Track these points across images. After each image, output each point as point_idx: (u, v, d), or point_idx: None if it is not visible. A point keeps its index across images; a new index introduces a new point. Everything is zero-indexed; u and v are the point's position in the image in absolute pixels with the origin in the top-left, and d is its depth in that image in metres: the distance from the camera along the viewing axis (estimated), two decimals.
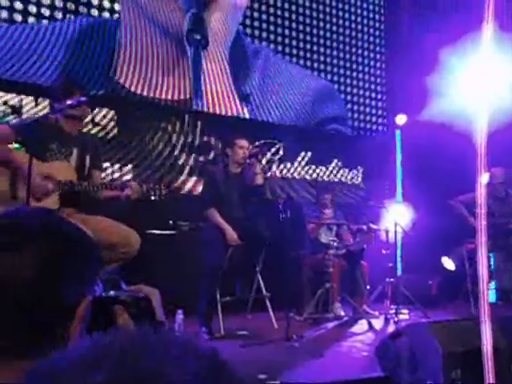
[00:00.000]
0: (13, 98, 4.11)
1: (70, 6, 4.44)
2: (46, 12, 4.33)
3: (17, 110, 4.04)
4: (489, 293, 4.67)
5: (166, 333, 0.43)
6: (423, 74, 5.05)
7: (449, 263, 5.37)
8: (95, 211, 2.88)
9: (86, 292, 0.74)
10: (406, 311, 4.47)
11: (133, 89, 4.62)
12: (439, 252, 5.31)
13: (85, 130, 4.04)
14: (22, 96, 4.12)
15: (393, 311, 4.29)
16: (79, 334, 0.72)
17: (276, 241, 3.63)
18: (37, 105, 4.16)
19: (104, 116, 4.48)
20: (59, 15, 4.38)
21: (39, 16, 4.31)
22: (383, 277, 4.61)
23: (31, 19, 4.27)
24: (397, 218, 4.71)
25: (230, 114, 5.15)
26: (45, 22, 4.32)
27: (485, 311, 1.62)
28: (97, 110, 4.39)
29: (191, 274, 3.74)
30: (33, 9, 4.28)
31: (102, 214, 2.85)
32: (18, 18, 4.22)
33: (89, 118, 4.39)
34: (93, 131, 4.34)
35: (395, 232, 4.53)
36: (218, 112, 5.07)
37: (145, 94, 4.68)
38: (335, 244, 4.20)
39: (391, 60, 6.49)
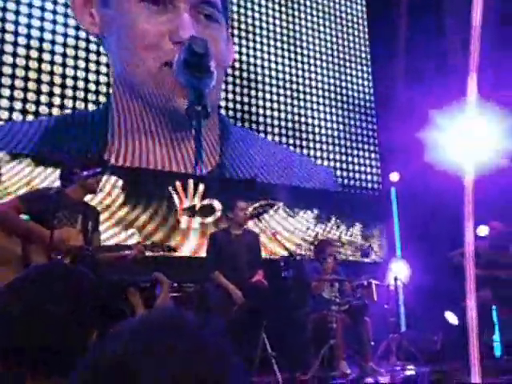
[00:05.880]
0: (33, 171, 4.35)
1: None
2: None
3: (30, 181, 4.25)
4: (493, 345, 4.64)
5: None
6: (413, 131, 5.34)
7: (452, 318, 5.39)
8: (102, 272, 3.00)
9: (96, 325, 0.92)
10: (412, 367, 4.46)
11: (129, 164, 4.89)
12: (442, 306, 5.35)
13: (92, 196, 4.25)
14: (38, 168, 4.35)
15: (398, 368, 4.28)
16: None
17: (279, 299, 3.71)
18: (49, 175, 4.39)
19: (111, 184, 4.70)
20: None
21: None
22: (387, 332, 4.63)
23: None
24: (397, 272, 4.81)
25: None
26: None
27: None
28: (105, 178, 4.61)
29: None
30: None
31: (108, 275, 2.97)
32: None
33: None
34: (100, 198, 4.54)
35: (395, 286, 4.61)
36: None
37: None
38: (337, 300, 4.26)
39: (382, 118, 6.82)
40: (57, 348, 0.84)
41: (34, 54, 4.66)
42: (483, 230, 5.21)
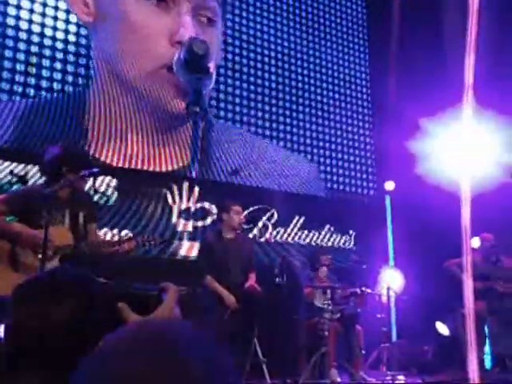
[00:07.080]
0: (18, 168, 4.29)
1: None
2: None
3: (22, 179, 4.18)
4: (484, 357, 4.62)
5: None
6: (409, 139, 5.33)
7: (443, 328, 5.38)
8: (95, 270, 2.94)
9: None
10: (402, 377, 4.43)
11: (109, 162, 4.77)
12: (433, 317, 5.33)
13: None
14: (28, 165, 4.29)
15: (389, 377, 4.25)
16: None
17: (273, 305, 3.68)
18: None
19: (105, 183, 4.65)
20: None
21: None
22: (378, 341, 4.60)
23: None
24: (389, 282, 4.79)
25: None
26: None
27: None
28: (99, 177, 4.56)
29: None
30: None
31: (101, 275, 2.90)
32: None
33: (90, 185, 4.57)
34: (93, 198, 4.49)
35: (388, 296, 4.59)
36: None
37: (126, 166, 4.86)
38: (330, 308, 4.23)
39: (378, 125, 6.81)
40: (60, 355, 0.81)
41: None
42: (475, 242, 5.20)
